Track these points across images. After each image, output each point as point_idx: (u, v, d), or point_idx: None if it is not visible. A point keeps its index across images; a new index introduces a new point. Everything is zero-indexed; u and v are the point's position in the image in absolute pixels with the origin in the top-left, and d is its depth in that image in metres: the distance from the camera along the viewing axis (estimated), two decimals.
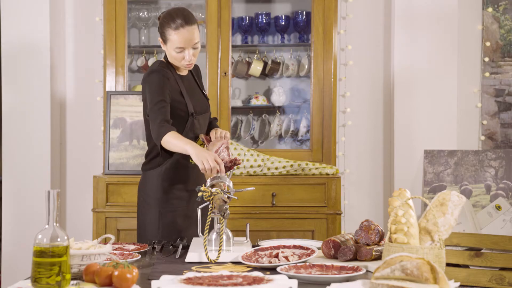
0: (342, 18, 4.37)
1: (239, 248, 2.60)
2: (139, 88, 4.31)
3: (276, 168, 3.94)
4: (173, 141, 2.75)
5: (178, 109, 2.92)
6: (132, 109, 4.10)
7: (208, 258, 2.45)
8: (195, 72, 3.15)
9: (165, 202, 2.97)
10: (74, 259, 2.12)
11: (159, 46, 4.39)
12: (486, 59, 4.31)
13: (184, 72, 3.03)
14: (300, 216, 3.87)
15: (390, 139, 4.32)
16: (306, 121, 4.29)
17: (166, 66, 2.98)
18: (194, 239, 2.80)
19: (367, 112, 4.41)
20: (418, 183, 4.13)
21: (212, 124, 3.15)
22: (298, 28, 4.30)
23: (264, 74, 4.40)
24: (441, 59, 4.15)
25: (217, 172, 2.66)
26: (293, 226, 3.85)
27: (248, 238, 2.73)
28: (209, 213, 2.58)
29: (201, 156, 2.66)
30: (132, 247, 2.74)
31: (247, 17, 4.34)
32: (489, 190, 3.92)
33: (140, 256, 2.57)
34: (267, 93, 4.44)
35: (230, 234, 2.59)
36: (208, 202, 2.60)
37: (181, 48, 2.88)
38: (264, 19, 4.30)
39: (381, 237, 2.50)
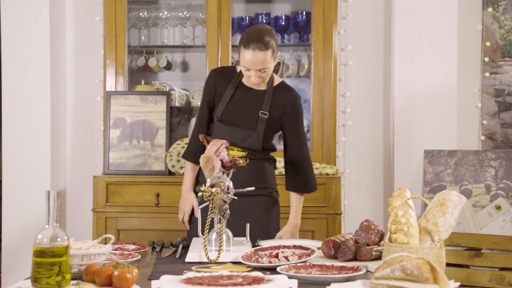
0: (342, 18, 4.37)
1: (239, 248, 2.60)
2: (139, 88, 4.31)
3: (276, 168, 3.94)
4: (185, 170, 3.23)
5: (214, 109, 3.11)
6: (132, 109, 4.10)
7: (208, 258, 2.45)
8: (279, 105, 3.05)
9: None
10: (74, 259, 2.12)
11: (159, 46, 4.41)
12: (486, 59, 4.31)
13: (252, 86, 3.04)
14: (300, 216, 3.87)
15: (390, 139, 4.32)
16: (306, 121, 4.29)
17: (233, 70, 3.08)
18: (194, 239, 2.80)
19: (367, 112, 4.41)
20: (418, 183, 4.13)
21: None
22: (298, 28, 4.31)
23: None
24: (441, 59, 4.15)
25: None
26: None
27: (248, 238, 2.73)
28: (209, 213, 2.59)
29: (180, 203, 3.22)
30: (132, 247, 2.74)
31: (247, 17, 4.34)
32: (489, 190, 3.92)
33: (140, 256, 2.58)
34: None
35: (230, 234, 2.59)
36: (208, 202, 2.60)
37: (246, 68, 2.90)
38: (264, 19, 4.30)
39: (381, 237, 2.50)
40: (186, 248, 2.76)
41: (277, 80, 3.12)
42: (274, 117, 3.06)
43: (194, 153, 3.13)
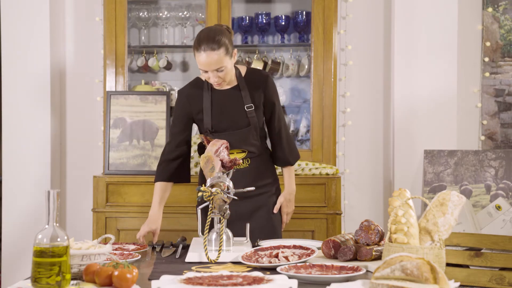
0: (342, 18, 4.37)
1: (239, 248, 2.60)
2: (139, 88, 4.31)
3: (276, 168, 3.94)
4: (154, 192, 3.06)
5: (200, 125, 3.07)
6: (132, 109, 4.10)
7: (208, 258, 2.45)
8: (255, 90, 3.04)
9: None
10: (74, 259, 2.12)
11: (159, 46, 4.41)
12: (486, 59, 4.31)
13: (224, 86, 3.02)
14: (300, 216, 3.87)
15: (390, 139, 4.32)
16: (306, 121, 4.29)
17: (199, 81, 3.06)
18: (194, 239, 2.80)
19: (367, 112, 4.41)
20: (418, 183, 4.13)
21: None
22: (298, 28, 4.30)
23: None
24: (441, 59, 4.15)
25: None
26: (293, 226, 3.85)
27: (248, 238, 2.73)
28: (209, 213, 2.59)
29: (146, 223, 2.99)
30: (132, 247, 2.74)
31: (247, 17, 4.34)
32: (489, 190, 3.92)
33: (140, 256, 2.58)
34: None
35: (230, 234, 2.59)
36: (208, 202, 2.60)
37: (204, 70, 2.90)
38: (264, 19, 4.30)
39: (381, 237, 2.50)
40: (186, 248, 2.76)
41: (243, 69, 3.09)
42: (258, 104, 3.05)
43: (168, 172, 3.06)
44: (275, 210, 3.11)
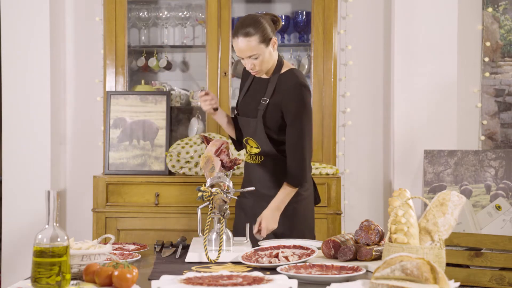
0: (342, 18, 4.37)
1: (239, 248, 2.60)
2: (139, 88, 4.31)
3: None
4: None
5: None
6: (132, 109, 4.10)
7: (208, 258, 2.45)
8: (280, 91, 2.95)
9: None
10: (74, 259, 2.12)
11: (159, 46, 4.41)
12: (486, 59, 4.31)
13: (262, 75, 3.01)
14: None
15: (390, 139, 4.32)
16: None
17: None
18: (194, 239, 2.80)
19: (367, 112, 4.41)
20: (418, 183, 4.13)
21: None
22: (298, 28, 4.31)
23: None
24: (441, 59, 4.15)
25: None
26: None
27: (248, 238, 2.73)
28: (209, 213, 2.59)
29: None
30: (132, 247, 2.74)
31: None
32: (489, 190, 3.91)
33: (140, 256, 2.58)
34: None
35: (230, 234, 2.59)
36: (208, 202, 2.60)
37: (240, 57, 2.91)
38: None
39: (381, 237, 2.50)
40: (186, 248, 2.76)
41: (286, 67, 3.01)
42: (273, 103, 2.95)
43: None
44: (255, 229, 2.94)
